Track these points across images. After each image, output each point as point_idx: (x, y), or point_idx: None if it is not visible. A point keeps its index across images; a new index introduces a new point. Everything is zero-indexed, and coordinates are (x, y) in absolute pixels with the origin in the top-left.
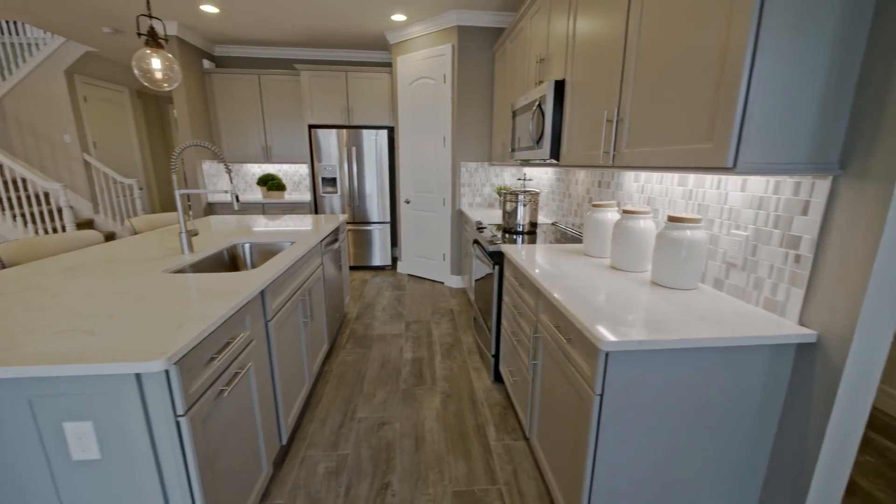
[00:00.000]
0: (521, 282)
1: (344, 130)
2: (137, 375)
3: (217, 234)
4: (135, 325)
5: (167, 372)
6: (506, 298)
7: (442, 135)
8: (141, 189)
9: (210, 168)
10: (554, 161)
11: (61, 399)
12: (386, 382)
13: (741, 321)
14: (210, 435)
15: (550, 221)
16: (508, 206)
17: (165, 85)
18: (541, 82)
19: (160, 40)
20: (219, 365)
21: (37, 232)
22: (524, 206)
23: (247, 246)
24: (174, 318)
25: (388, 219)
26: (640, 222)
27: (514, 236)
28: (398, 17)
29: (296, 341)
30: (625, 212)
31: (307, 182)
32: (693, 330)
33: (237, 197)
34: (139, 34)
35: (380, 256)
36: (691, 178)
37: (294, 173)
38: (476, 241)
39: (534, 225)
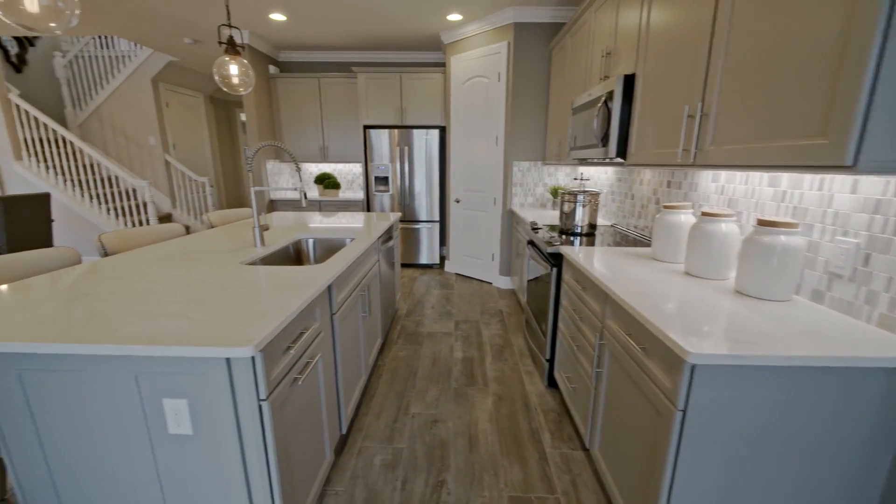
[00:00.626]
0: (584, 285)
1: (397, 130)
2: (227, 360)
3: (280, 229)
4: (223, 313)
5: (253, 358)
6: (564, 302)
7: (494, 134)
8: (212, 186)
9: (273, 167)
10: (620, 160)
11: (162, 377)
12: (437, 380)
13: (850, 339)
14: (285, 420)
15: (609, 223)
16: (566, 207)
17: (241, 89)
18: (606, 77)
19: (238, 48)
20: (294, 354)
21: (126, 224)
22: (583, 206)
23: (310, 241)
24: (256, 307)
25: (437, 217)
26: (722, 226)
27: (572, 238)
28: (454, 17)
29: (355, 335)
30: (704, 214)
31: (360, 181)
32: (794, 346)
33: (305, 194)
34: (220, 43)
35: (428, 255)
36: (784, 177)
37: (348, 172)
38: (531, 242)
39: (593, 226)
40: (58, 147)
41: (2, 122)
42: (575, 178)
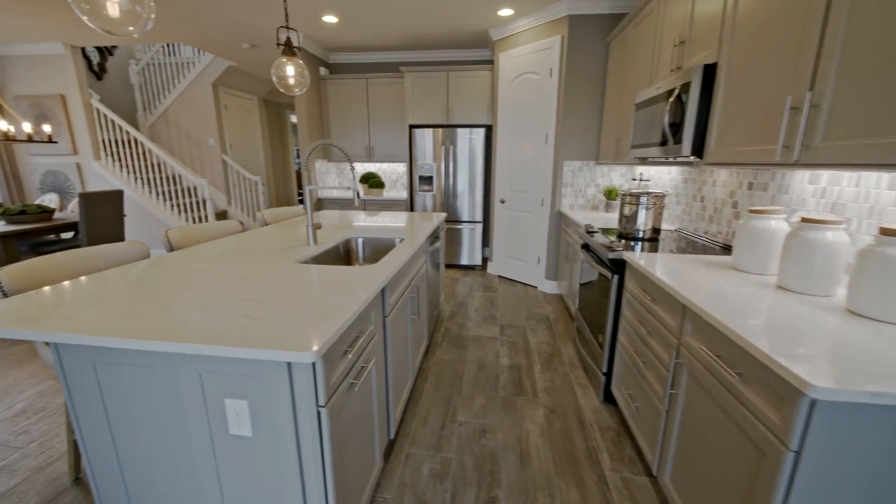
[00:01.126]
0: (654, 296)
1: (441, 129)
2: (288, 364)
3: (329, 227)
4: (283, 313)
5: (314, 364)
6: (626, 312)
7: (544, 132)
8: (263, 185)
9: (321, 166)
10: (694, 159)
11: (225, 377)
12: (484, 387)
13: None
14: (341, 425)
15: (673, 228)
16: (627, 210)
17: (296, 89)
18: (678, 69)
19: (294, 49)
20: (351, 358)
21: (187, 219)
22: (646, 209)
23: (360, 240)
24: (315, 308)
25: (480, 218)
26: (828, 234)
27: (633, 243)
28: (505, 12)
29: (404, 337)
30: (804, 220)
31: (403, 180)
32: None
33: (358, 194)
34: (278, 44)
35: (470, 256)
36: None
37: (392, 171)
38: (585, 246)
39: (656, 231)
40: (129, 148)
41: (84, 124)
42: (633, 179)
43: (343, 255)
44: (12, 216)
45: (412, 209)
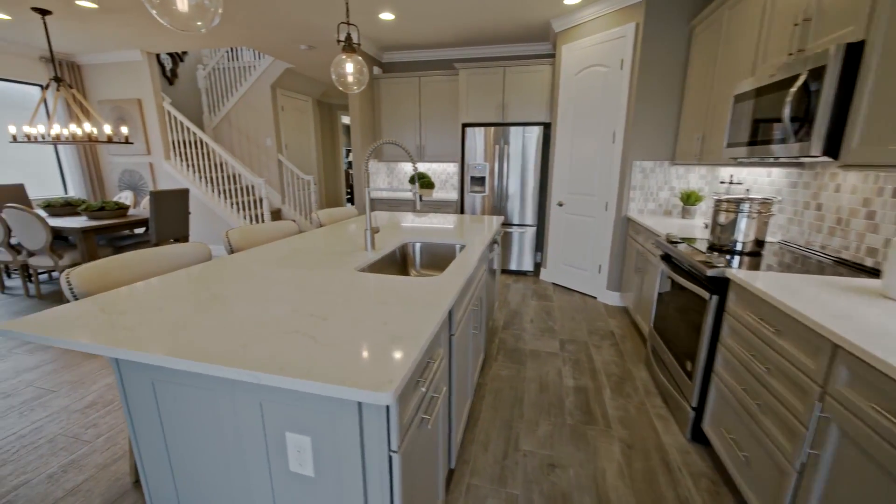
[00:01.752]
0: (780, 327)
1: (496, 128)
2: (359, 402)
3: (384, 231)
4: (349, 334)
5: (388, 405)
6: (728, 341)
7: (611, 130)
8: (315, 185)
9: (372, 167)
10: (826, 158)
11: (287, 408)
12: (548, 412)
13: None
14: (411, 467)
15: (775, 239)
16: (722, 217)
17: (355, 87)
18: (800, 51)
19: (354, 45)
20: (423, 390)
21: (245, 217)
22: (748, 217)
23: (417, 245)
24: (384, 329)
25: (532, 221)
26: None
27: (729, 256)
28: (571, 1)
29: (465, 354)
30: None
31: (453, 180)
32: None
33: (420, 197)
34: (338, 41)
35: (522, 261)
36: None
37: (442, 171)
38: (666, 257)
39: (759, 244)
40: (195, 148)
41: (157, 126)
42: (721, 182)
43: (399, 260)
44: (93, 212)
45: (462, 210)
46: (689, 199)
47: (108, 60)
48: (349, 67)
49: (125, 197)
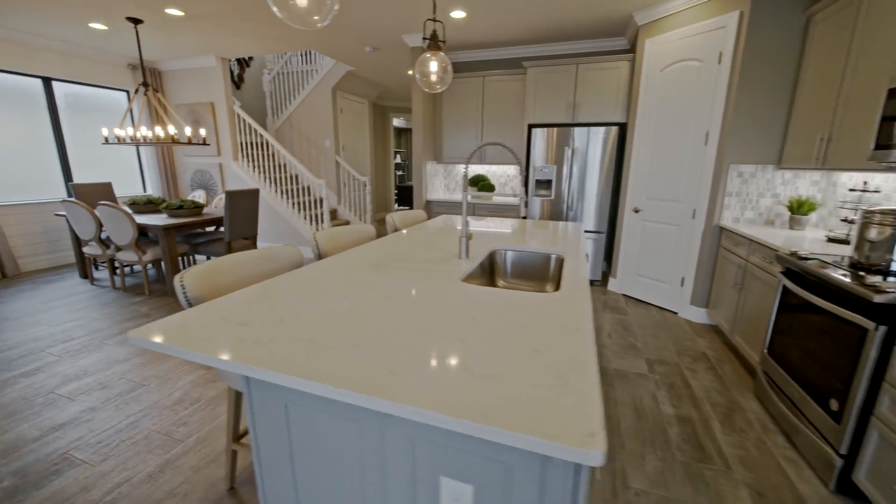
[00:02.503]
0: None
1: (565, 129)
2: (544, 456)
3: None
4: (502, 364)
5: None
6: None
7: (703, 130)
8: (369, 186)
9: (430, 168)
10: None
11: (443, 449)
12: (652, 443)
13: None
14: None
15: None
16: (874, 233)
17: (438, 86)
18: None
19: (439, 42)
20: None
21: (306, 218)
22: None
23: (507, 254)
24: (537, 358)
25: (603, 228)
26: None
27: (880, 277)
28: None
29: None
30: None
31: (513, 183)
32: None
33: (526, 203)
34: (424, 38)
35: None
36: None
37: (502, 174)
38: (794, 275)
39: None
40: (259, 149)
41: (227, 129)
42: (852, 190)
43: (488, 270)
44: (173, 210)
45: (525, 215)
46: (801, 208)
47: (185, 66)
48: (433, 66)
49: (198, 196)
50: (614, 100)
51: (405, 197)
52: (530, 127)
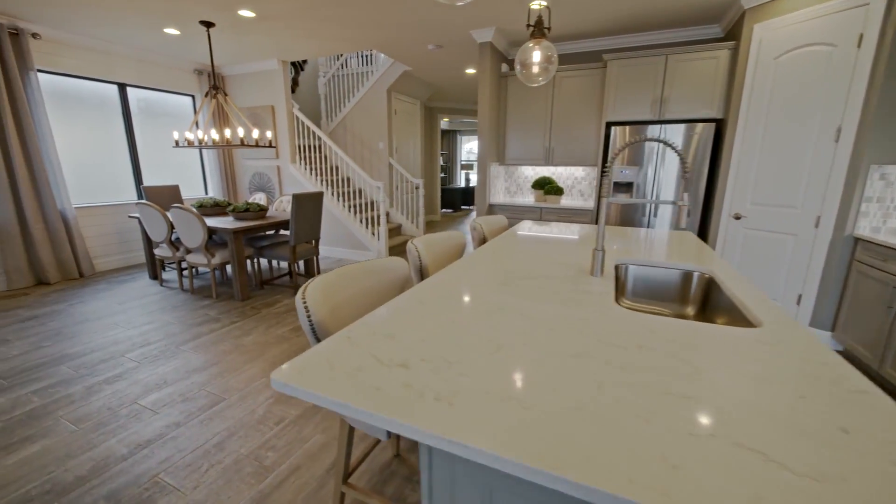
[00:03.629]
0: None
1: (648, 126)
2: None
3: (561, 245)
4: (805, 450)
5: None
6: None
7: (833, 125)
8: (417, 188)
9: (493, 170)
10: None
11: None
12: None
13: None
14: None
15: None
16: None
17: (541, 78)
18: None
19: (544, 29)
20: None
21: (362, 221)
22: None
23: (630, 269)
24: (861, 445)
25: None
26: None
27: None
28: None
29: None
30: None
31: (581, 186)
32: None
33: (689, 211)
34: (528, 25)
35: None
36: None
37: (568, 176)
38: None
39: None
40: (313, 152)
41: (287, 131)
42: None
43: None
44: (239, 213)
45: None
46: None
47: (247, 70)
48: (536, 56)
49: (260, 199)
50: (709, 93)
51: (447, 200)
52: (609, 125)
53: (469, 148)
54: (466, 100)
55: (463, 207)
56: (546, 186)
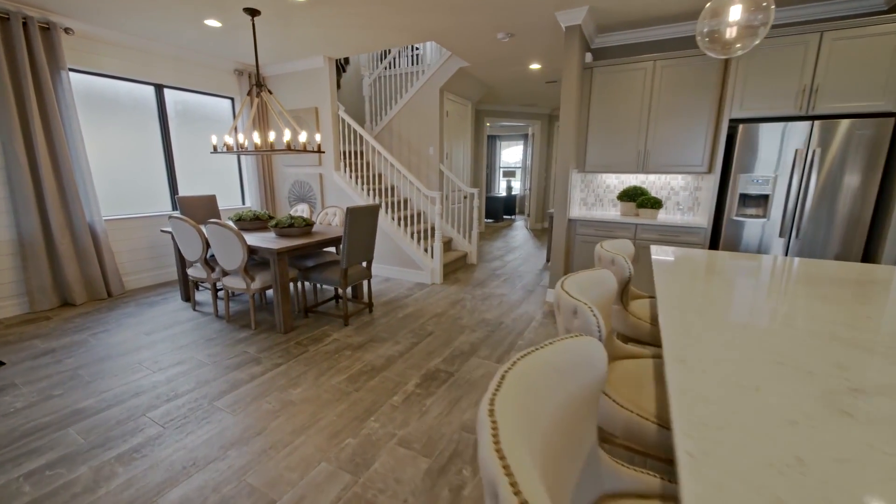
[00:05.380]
0: None
1: (792, 123)
2: None
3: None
4: None
5: None
6: None
7: None
8: (466, 198)
9: (573, 178)
10: None
11: None
12: None
13: None
14: None
15: None
16: None
17: (738, 46)
18: None
19: None
20: None
21: (413, 236)
22: None
23: None
24: None
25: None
26: None
27: None
28: None
29: None
30: None
31: (679, 198)
32: None
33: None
34: None
35: None
36: None
37: (662, 186)
38: None
39: None
40: (358, 158)
41: (331, 136)
42: None
43: None
44: (283, 228)
45: (716, 244)
46: None
47: (290, 70)
48: (736, 11)
49: (301, 210)
50: (882, 79)
51: (489, 209)
52: (733, 123)
53: (509, 154)
54: (515, 101)
55: (505, 217)
56: (639, 198)
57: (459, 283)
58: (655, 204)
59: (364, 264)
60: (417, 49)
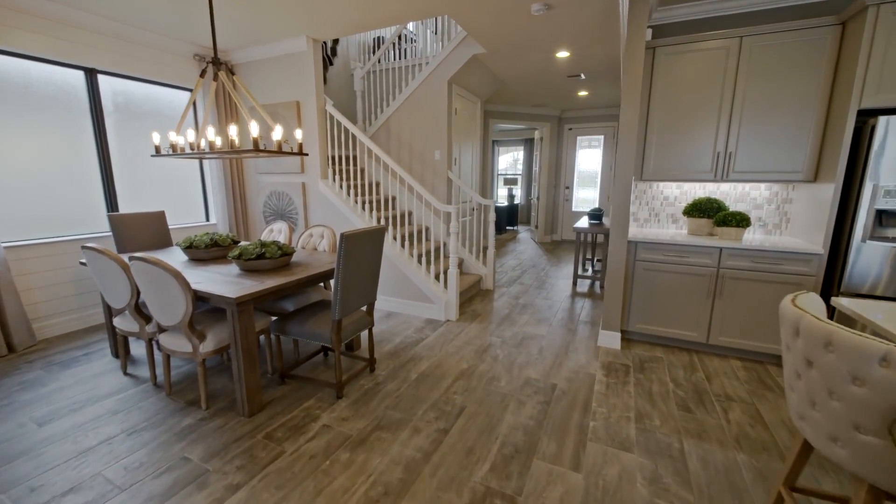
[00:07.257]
0: None
1: None
2: None
3: None
4: None
5: None
6: None
7: None
8: (474, 211)
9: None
10: None
11: None
12: None
13: None
14: None
15: None
16: None
17: None
18: None
19: None
20: None
21: (420, 260)
22: None
23: None
24: None
25: None
26: None
27: None
28: None
29: None
30: None
31: (762, 212)
32: None
33: None
34: None
35: None
36: None
37: (739, 198)
38: None
39: None
40: (350, 165)
41: (316, 136)
42: None
43: None
44: (249, 261)
45: (832, 276)
46: None
47: (265, 56)
48: None
49: (279, 231)
50: None
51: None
52: (867, 114)
53: (506, 160)
54: (524, 101)
55: (508, 228)
56: (719, 213)
57: (480, 319)
58: (742, 221)
59: (364, 307)
60: (414, 41)
